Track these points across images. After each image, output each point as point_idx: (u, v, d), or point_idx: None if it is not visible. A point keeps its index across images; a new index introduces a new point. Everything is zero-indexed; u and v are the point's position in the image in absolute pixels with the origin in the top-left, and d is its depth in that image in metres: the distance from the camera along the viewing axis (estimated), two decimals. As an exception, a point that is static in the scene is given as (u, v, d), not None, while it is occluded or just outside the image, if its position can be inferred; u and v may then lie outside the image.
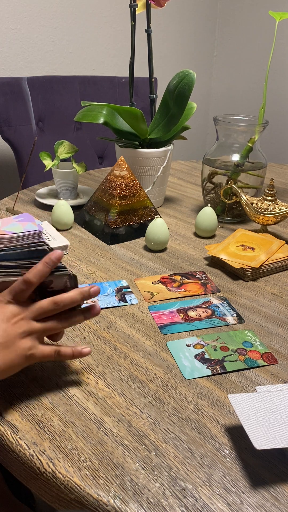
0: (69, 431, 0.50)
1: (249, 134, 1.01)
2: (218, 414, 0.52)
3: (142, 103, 1.59)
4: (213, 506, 0.42)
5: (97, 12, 1.84)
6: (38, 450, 0.47)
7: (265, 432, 0.45)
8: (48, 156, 1.11)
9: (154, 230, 0.88)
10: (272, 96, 2.23)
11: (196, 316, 0.70)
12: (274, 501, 0.43)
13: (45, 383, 0.56)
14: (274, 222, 0.94)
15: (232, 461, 0.47)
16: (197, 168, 1.52)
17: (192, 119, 2.31)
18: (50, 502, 0.47)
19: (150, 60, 1.06)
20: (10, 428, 0.50)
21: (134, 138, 1.08)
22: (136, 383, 0.57)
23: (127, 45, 1.94)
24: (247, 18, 2.26)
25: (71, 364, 0.59)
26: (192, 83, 0.94)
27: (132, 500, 0.43)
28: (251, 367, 0.60)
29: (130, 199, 0.95)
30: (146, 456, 0.47)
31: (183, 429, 0.50)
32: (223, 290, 0.78)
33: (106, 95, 1.64)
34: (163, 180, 1.11)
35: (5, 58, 1.65)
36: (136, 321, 0.69)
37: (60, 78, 1.53)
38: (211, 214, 0.95)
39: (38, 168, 1.46)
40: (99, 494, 0.43)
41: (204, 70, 2.45)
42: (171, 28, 2.17)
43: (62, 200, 0.98)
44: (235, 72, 2.41)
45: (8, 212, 1.06)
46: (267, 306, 0.74)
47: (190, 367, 0.59)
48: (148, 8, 1.03)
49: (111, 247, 0.92)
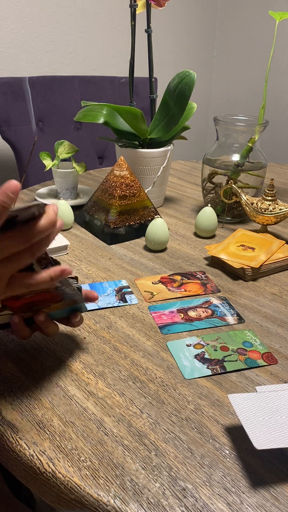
0: (69, 431, 0.50)
1: (249, 134, 1.01)
2: (218, 414, 0.52)
3: (142, 103, 1.59)
4: (213, 506, 0.42)
5: (97, 12, 1.84)
6: (38, 450, 0.47)
7: (265, 432, 0.45)
8: (48, 156, 1.11)
9: (154, 230, 0.88)
10: (272, 96, 2.23)
11: (196, 316, 0.70)
12: (274, 501, 0.43)
13: (45, 383, 0.56)
14: (274, 222, 0.94)
15: (232, 461, 0.47)
16: (197, 168, 1.52)
17: (192, 119, 2.31)
18: (50, 502, 0.47)
19: (150, 60, 1.06)
20: (10, 428, 0.50)
21: (134, 138, 1.08)
22: (136, 383, 0.57)
23: (127, 45, 1.94)
24: (247, 18, 2.26)
25: (71, 364, 0.59)
26: (192, 83, 0.94)
27: (132, 500, 0.43)
28: (251, 367, 0.60)
29: (130, 199, 0.95)
30: (146, 456, 0.47)
31: (183, 429, 0.50)
32: (223, 290, 0.78)
33: (106, 95, 1.64)
34: (163, 180, 1.11)
35: (5, 58, 1.65)
36: (136, 321, 0.69)
37: (60, 78, 1.53)
38: (211, 214, 0.95)
39: (38, 168, 1.46)
40: (99, 494, 0.43)
41: (204, 70, 2.45)
42: (171, 28, 2.17)
43: (62, 200, 0.98)
44: (235, 72, 2.41)
45: (8, 212, 1.06)
46: (267, 306, 0.74)
47: (190, 367, 0.59)
48: (148, 8, 1.03)
49: (111, 247, 0.92)
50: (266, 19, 2.19)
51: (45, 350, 0.62)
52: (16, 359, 0.60)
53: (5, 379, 0.57)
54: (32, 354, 0.61)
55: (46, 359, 0.60)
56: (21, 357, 0.61)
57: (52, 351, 0.62)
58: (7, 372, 0.58)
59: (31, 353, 0.61)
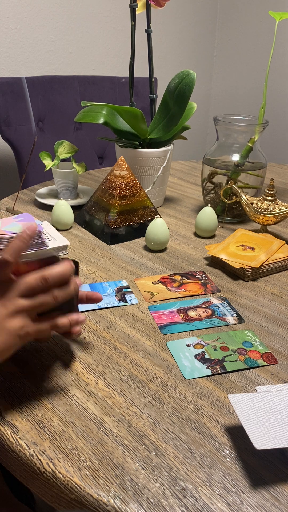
0: (69, 431, 0.50)
1: (249, 134, 1.01)
2: (218, 414, 0.52)
3: (142, 103, 1.60)
4: (213, 506, 0.42)
5: (97, 12, 1.84)
6: (38, 450, 0.47)
7: (265, 432, 0.45)
8: (48, 156, 1.11)
9: (154, 230, 0.88)
10: (272, 96, 2.23)
11: (196, 316, 0.70)
12: (274, 501, 0.43)
13: (45, 383, 0.56)
14: (274, 222, 0.94)
15: (232, 461, 0.47)
16: (197, 168, 1.52)
17: (192, 119, 2.31)
18: (50, 502, 0.47)
19: (150, 60, 1.06)
20: (10, 428, 0.50)
21: (134, 138, 1.08)
22: (136, 383, 0.57)
23: (127, 45, 1.94)
24: (247, 18, 2.26)
25: (71, 364, 0.59)
26: (192, 83, 0.94)
27: (132, 500, 0.43)
28: (251, 367, 0.60)
29: (130, 199, 0.95)
30: (146, 456, 0.47)
31: (183, 429, 0.50)
32: (223, 290, 0.78)
33: (106, 95, 1.64)
34: (163, 180, 1.11)
35: (5, 58, 1.65)
36: (136, 321, 0.69)
37: (60, 78, 1.53)
38: (211, 214, 0.95)
39: (38, 168, 1.46)
40: (99, 494, 0.43)
41: (204, 70, 2.45)
42: (171, 28, 2.17)
43: (62, 200, 0.98)
44: (235, 72, 2.41)
45: (8, 212, 1.06)
46: (267, 306, 0.74)
47: (190, 367, 0.59)
48: (148, 8, 1.03)
49: (111, 247, 0.92)
50: (266, 19, 2.19)
51: (45, 350, 0.62)
52: (16, 359, 0.60)
53: (5, 379, 0.57)
54: (32, 354, 0.61)
55: (46, 359, 0.60)
56: (21, 357, 0.61)
57: (52, 351, 0.62)
58: (7, 372, 0.58)
59: (31, 353, 0.61)
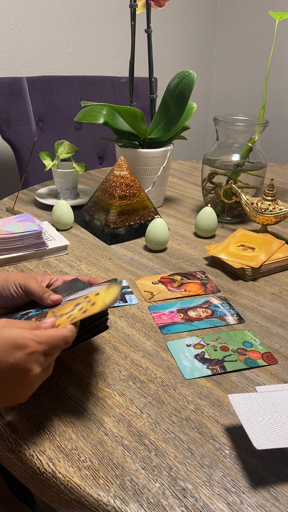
0: (69, 431, 0.50)
1: (249, 134, 1.01)
2: (218, 414, 0.52)
3: (142, 103, 1.60)
4: (213, 506, 0.42)
5: (97, 12, 1.84)
6: (38, 450, 0.47)
7: (265, 432, 0.45)
8: (48, 156, 1.11)
9: (154, 230, 0.88)
10: (272, 96, 2.23)
11: (196, 316, 0.70)
12: (274, 501, 0.43)
13: (45, 383, 0.56)
14: (274, 222, 0.94)
15: (232, 461, 0.47)
16: (197, 168, 1.52)
17: (192, 119, 2.31)
18: (50, 502, 0.47)
19: (150, 60, 1.06)
20: (10, 428, 0.50)
21: (134, 138, 1.08)
22: (136, 383, 0.57)
23: (127, 45, 1.94)
24: (247, 18, 2.26)
25: (71, 364, 0.59)
26: (192, 83, 0.94)
27: (132, 500, 0.42)
28: (251, 367, 0.60)
29: (130, 199, 0.95)
30: (146, 456, 0.47)
31: (183, 429, 0.50)
32: (223, 290, 0.78)
33: (106, 95, 1.64)
34: (163, 180, 1.11)
35: (5, 58, 1.65)
36: (136, 321, 0.69)
37: (60, 78, 1.53)
38: (211, 214, 0.95)
39: (38, 168, 1.46)
40: (99, 494, 0.43)
41: (204, 70, 2.45)
42: (171, 28, 2.17)
43: (62, 200, 0.98)
44: (235, 72, 2.41)
45: (8, 212, 1.06)
46: (267, 306, 0.74)
47: (190, 367, 0.59)
48: (148, 8, 1.03)
49: (111, 247, 0.92)
50: (266, 19, 2.19)
51: (45, 350, 0.62)
52: (16, 359, 0.60)
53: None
54: (32, 354, 0.61)
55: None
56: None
57: (52, 351, 0.62)
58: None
59: (31, 353, 0.61)
